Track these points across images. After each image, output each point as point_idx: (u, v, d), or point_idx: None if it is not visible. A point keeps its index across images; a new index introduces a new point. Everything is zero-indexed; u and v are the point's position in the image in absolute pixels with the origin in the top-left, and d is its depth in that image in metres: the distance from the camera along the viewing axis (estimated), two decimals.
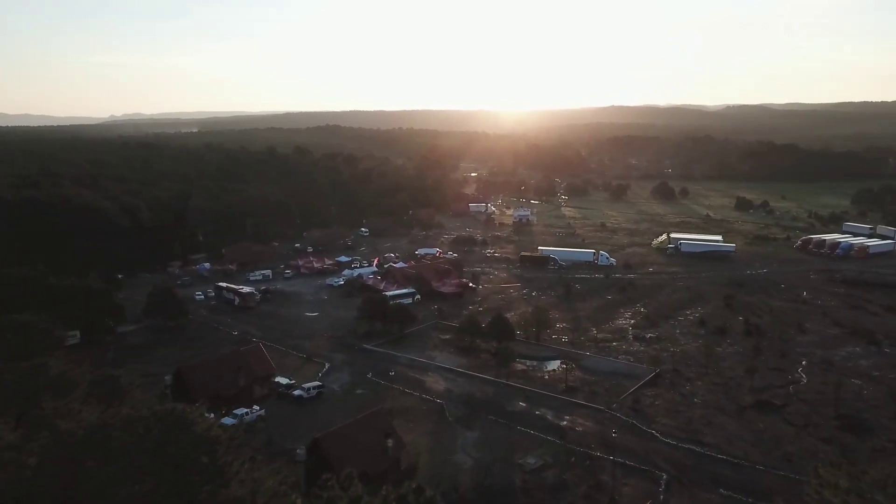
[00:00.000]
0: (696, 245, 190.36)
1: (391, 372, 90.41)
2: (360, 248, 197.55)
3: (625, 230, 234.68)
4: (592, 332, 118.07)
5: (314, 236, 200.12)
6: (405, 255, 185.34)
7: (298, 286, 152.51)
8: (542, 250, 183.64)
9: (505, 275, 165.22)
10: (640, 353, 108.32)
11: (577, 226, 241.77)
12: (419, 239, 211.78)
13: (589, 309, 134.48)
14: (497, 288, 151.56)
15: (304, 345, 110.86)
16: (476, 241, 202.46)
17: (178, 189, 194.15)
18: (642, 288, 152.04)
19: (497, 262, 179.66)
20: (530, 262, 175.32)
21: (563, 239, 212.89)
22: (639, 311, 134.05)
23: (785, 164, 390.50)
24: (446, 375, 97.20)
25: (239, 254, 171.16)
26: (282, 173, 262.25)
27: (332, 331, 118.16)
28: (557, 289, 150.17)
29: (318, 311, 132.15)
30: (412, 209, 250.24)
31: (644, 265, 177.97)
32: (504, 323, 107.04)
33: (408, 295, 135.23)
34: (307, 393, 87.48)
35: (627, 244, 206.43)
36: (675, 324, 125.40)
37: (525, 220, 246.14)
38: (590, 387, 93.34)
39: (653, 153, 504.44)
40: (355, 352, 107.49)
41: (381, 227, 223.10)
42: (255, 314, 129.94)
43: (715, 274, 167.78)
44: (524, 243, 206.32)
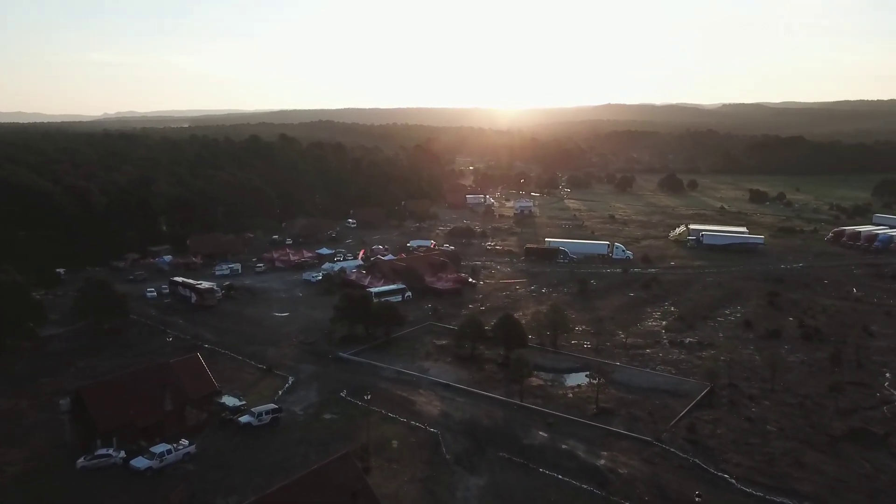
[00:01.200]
0: (721, 237, 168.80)
1: (366, 395, 67.11)
2: (346, 241, 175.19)
3: (636, 222, 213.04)
4: (620, 337, 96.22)
5: (295, 227, 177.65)
6: (395, 247, 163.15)
7: (270, 282, 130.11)
8: (550, 242, 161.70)
9: (508, 269, 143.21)
10: (681, 362, 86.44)
11: (584, 218, 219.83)
12: (412, 231, 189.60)
13: (610, 308, 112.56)
14: (500, 284, 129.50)
15: (266, 353, 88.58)
16: (475, 233, 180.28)
17: (141, 174, 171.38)
18: (668, 284, 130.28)
19: (499, 256, 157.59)
20: (536, 255, 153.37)
21: (569, 231, 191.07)
22: (669, 310, 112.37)
23: (793, 156, 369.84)
24: (442, 394, 75.02)
25: (205, 245, 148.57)
26: (265, 162, 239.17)
27: (302, 335, 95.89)
28: (570, 285, 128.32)
29: (290, 310, 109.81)
30: (404, 200, 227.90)
31: (664, 259, 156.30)
32: (513, 325, 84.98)
33: (396, 292, 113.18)
34: (258, 419, 65.23)
35: (642, 236, 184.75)
36: (716, 326, 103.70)
37: (527, 211, 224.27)
38: (628, 408, 71.40)
39: (654, 148, 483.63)
40: (328, 362, 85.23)
41: (369, 219, 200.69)
42: (213, 314, 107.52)
43: (746, 268, 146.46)
44: (528, 236, 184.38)
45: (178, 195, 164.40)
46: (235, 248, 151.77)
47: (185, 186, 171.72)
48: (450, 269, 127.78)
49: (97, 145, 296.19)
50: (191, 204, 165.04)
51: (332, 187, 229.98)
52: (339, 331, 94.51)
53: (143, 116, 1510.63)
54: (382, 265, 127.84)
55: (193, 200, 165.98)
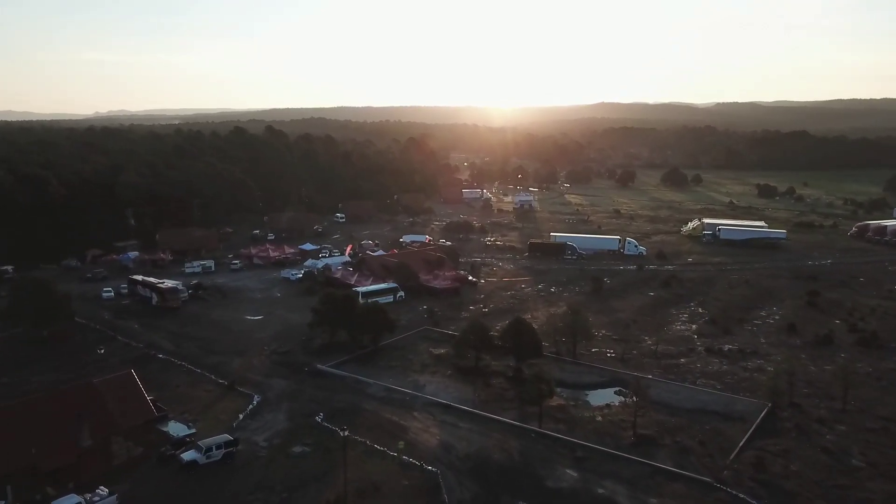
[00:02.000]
0: (739, 231, 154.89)
1: (343, 430, 51.46)
2: (334, 236, 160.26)
3: (643, 217, 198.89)
4: (647, 344, 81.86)
5: (278, 221, 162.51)
6: (387, 242, 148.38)
7: (246, 280, 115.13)
8: (556, 237, 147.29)
9: (511, 266, 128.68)
10: (724, 374, 72.11)
11: (588, 213, 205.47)
12: (405, 226, 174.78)
13: (630, 310, 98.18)
14: (503, 282, 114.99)
15: (232, 364, 73.75)
16: (473, 228, 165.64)
17: (110, 163, 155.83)
18: (689, 282, 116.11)
19: (500, 252, 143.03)
20: (542, 250, 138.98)
21: (574, 226, 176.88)
22: (697, 312, 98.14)
23: (797, 151, 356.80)
24: (442, 417, 60.35)
25: (175, 240, 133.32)
26: (250, 154, 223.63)
27: (276, 343, 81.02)
28: (581, 283, 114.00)
29: (264, 313, 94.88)
30: (397, 194, 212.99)
31: (680, 255, 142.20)
32: (526, 331, 70.40)
33: (387, 291, 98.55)
34: (206, 456, 50.43)
35: (652, 231, 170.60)
36: (754, 330, 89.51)
37: (527, 205, 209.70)
38: (673, 436, 56.98)
39: (652, 144, 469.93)
40: (304, 376, 70.40)
41: (359, 213, 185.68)
42: (176, 317, 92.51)
43: (771, 265, 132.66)
44: (529, 231, 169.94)
45: (150, 186, 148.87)
46: (210, 244, 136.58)
47: (159, 177, 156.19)
48: (447, 266, 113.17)
49: (76, 139, 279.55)
50: (164, 196, 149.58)
51: (320, 181, 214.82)
52: (319, 338, 79.78)
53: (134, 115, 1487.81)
54: (371, 261, 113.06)
55: (167, 192, 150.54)
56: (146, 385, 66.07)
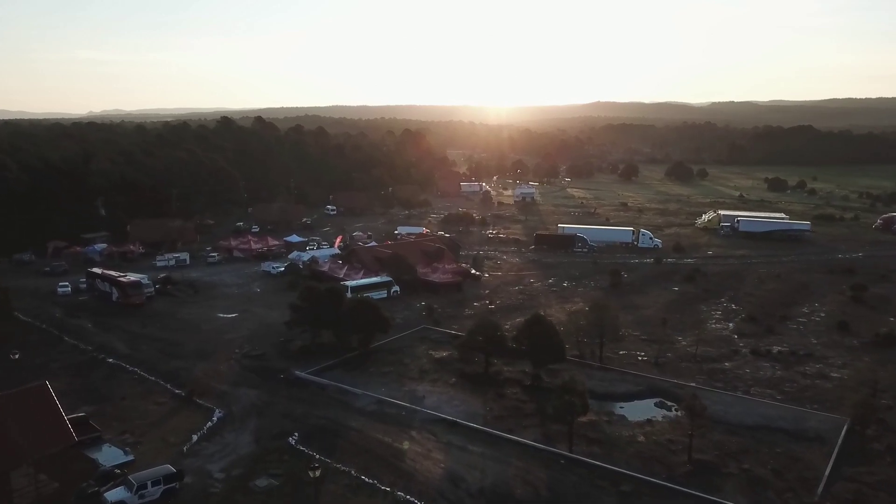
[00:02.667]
0: (760, 223, 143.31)
1: (314, 470, 38.45)
2: (323, 228, 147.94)
3: (652, 210, 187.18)
4: (682, 344, 69.93)
5: (264, 213, 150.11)
6: (380, 235, 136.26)
7: (223, 274, 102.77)
8: (564, 229, 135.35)
9: (517, 260, 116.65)
10: (780, 382, 60.17)
11: (594, 205, 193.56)
12: (400, 218, 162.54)
13: (656, 307, 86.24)
14: (509, 277, 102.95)
15: (194, 370, 61.42)
16: (474, 220, 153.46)
17: (81, 150, 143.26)
18: (715, 277, 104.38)
19: (503, 245, 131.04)
20: (549, 243, 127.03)
21: (580, 219, 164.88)
22: (730, 308, 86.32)
23: (802, 146, 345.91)
24: (447, 437, 48.17)
25: (148, 231, 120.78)
26: (237, 145, 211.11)
27: (249, 345, 68.72)
28: (596, 278, 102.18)
29: (240, 310, 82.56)
30: (391, 186, 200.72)
31: (699, 247, 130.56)
32: (546, 331, 58.18)
33: (380, 286, 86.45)
34: (137, 495, 38.14)
35: (664, 224, 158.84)
36: (800, 329, 77.68)
37: (529, 198, 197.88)
38: (738, 461, 45.04)
39: (653, 139, 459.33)
40: (279, 385, 58.16)
41: (352, 205, 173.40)
42: (138, 315, 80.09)
43: (799, 258, 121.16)
44: (533, 223, 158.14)
45: (123, 174, 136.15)
46: (186, 236, 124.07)
47: (134, 165, 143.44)
48: (447, 259, 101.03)
49: (56, 130, 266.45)
50: (139, 185, 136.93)
51: (311, 173, 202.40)
52: (299, 339, 67.55)
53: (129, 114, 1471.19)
54: (362, 253, 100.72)
55: (142, 181, 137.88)
56: (86, 396, 54.23)
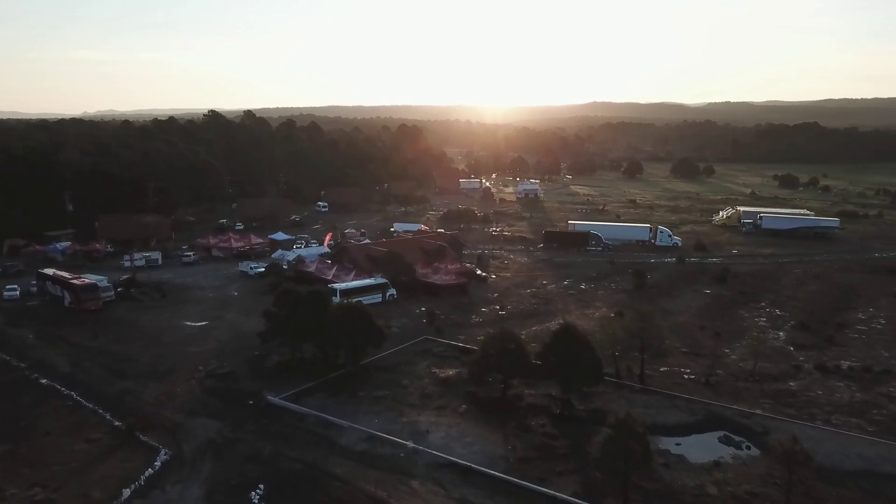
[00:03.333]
0: (785, 220, 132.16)
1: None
2: (314, 226, 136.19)
3: (663, 207, 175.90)
4: (732, 358, 58.45)
5: (249, 209, 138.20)
6: (375, 232, 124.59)
7: (199, 275, 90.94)
8: (576, 226, 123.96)
9: (525, 259, 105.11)
10: (863, 406, 48.78)
11: (602, 202, 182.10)
12: (396, 215, 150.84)
13: (689, 312, 74.83)
14: (519, 278, 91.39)
15: (144, 395, 49.65)
16: (476, 217, 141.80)
17: (51, 140, 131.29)
18: (747, 277, 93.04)
19: (509, 243, 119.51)
20: (560, 241, 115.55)
21: (589, 215, 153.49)
22: (774, 314, 74.97)
23: (806, 144, 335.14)
24: (460, 491, 36.48)
25: (118, 228, 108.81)
26: (225, 139, 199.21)
27: (216, 359, 56.97)
28: (616, 278, 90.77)
29: (211, 317, 70.81)
30: (387, 182, 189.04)
31: (721, 245, 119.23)
32: (578, 345, 46.49)
33: (374, 289, 74.86)
34: None
35: (678, 221, 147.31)
36: (864, 339, 66.26)
37: (532, 195, 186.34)
38: None
39: (652, 138, 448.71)
40: (245, 415, 46.41)
41: (345, 201, 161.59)
42: (91, 323, 68.25)
43: (833, 257, 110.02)
44: (539, 221, 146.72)
45: (96, 166, 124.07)
46: (161, 233, 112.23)
47: (108, 157, 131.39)
48: (449, 258, 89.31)
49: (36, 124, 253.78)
50: (113, 178, 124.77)
51: (302, 168, 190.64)
52: (276, 353, 55.86)
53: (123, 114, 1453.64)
54: (354, 251, 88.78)
55: (116, 174, 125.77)
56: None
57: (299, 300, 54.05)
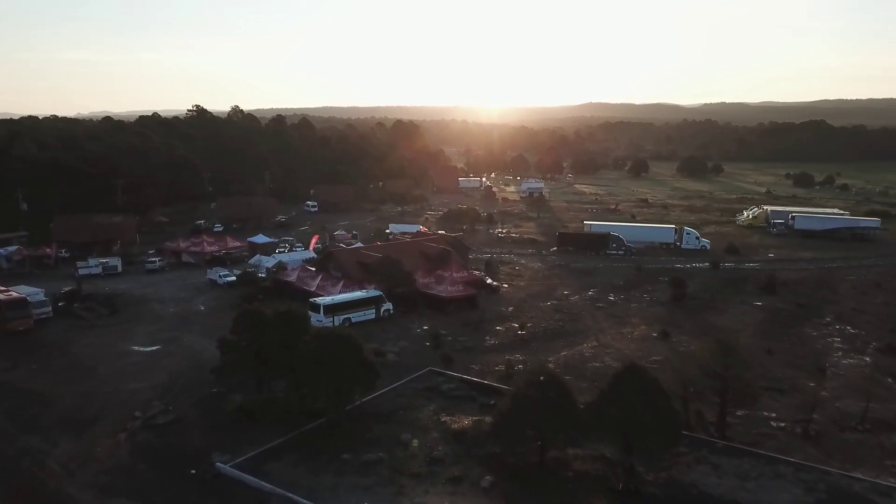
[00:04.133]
0: (819, 220, 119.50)
1: None
2: (301, 227, 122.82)
3: (678, 206, 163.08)
4: (823, 395, 45.31)
5: (229, 208, 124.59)
6: (369, 234, 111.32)
7: (162, 285, 77.44)
8: (592, 226, 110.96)
9: (539, 264, 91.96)
10: None
11: (615, 201, 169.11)
12: (392, 216, 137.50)
13: (745, 331, 61.56)
14: (534, 287, 78.25)
15: (49, 457, 36.12)
16: (479, 217, 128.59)
17: (7, 131, 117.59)
18: (797, 286, 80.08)
19: (518, 246, 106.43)
20: (576, 243, 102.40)
21: (601, 216, 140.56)
22: (847, 332, 61.96)
23: (813, 142, 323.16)
24: None
25: (76, 230, 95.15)
26: (209, 136, 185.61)
27: (161, 401, 43.55)
28: (647, 288, 77.80)
29: (166, 339, 57.37)
30: (382, 180, 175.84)
31: (754, 248, 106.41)
32: (647, 392, 33.13)
33: (366, 303, 61.70)
34: None
35: (698, 222, 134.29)
36: None
37: (536, 193, 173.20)
38: None
39: (653, 137, 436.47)
40: (184, 492, 32.89)
41: (336, 200, 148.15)
42: (17, 347, 54.70)
43: (884, 261, 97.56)
44: (547, 221, 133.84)
45: (56, 161, 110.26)
46: (126, 235, 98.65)
47: (72, 151, 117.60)
48: (455, 264, 75.95)
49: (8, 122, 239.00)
50: (76, 174, 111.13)
51: (292, 165, 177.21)
52: (238, 391, 42.54)
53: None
54: (343, 257, 75.14)
55: (80, 170, 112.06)
56: None
57: (265, 325, 40.71)
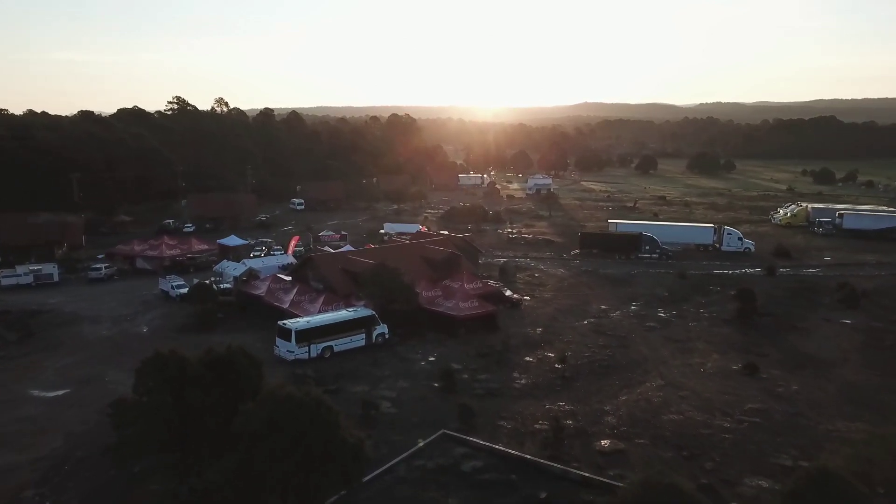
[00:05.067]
0: (871, 219, 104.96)
1: None
2: (285, 227, 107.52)
3: (700, 204, 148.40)
4: None
5: (203, 206, 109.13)
6: (360, 235, 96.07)
7: (104, 299, 62.08)
8: (618, 225, 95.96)
9: (561, 270, 76.87)
10: None
11: (634, 198, 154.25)
12: (387, 214, 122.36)
13: (848, 361, 47.02)
14: (562, 299, 63.18)
15: None
16: (485, 215, 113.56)
17: None
18: (878, 297, 65.31)
19: (533, 248, 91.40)
20: (601, 245, 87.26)
21: (620, 214, 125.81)
22: None
23: (825, 139, 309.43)
24: None
25: (10, 231, 79.53)
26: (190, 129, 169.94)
27: (40, 490, 28.08)
28: (699, 300, 62.88)
29: (83, 378, 42.05)
30: (376, 176, 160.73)
31: (807, 251, 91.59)
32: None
33: (354, 326, 46.66)
34: None
35: (727, 220, 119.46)
36: None
37: (545, 190, 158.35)
38: None
39: (654, 134, 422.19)
40: None
41: (324, 198, 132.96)
42: None
43: None
44: (561, 220, 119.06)
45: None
46: (71, 237, 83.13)
47: (21, 141, 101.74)
48: (466, 272, 60.64)
49: None
50: (21, 167, 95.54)
51: (279, 160, 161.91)
52: (157, 475, 27.16)
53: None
54: (324, 262, 59.48)
55: (27, 162, 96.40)
56: None
57: (188, 378, 25.42)
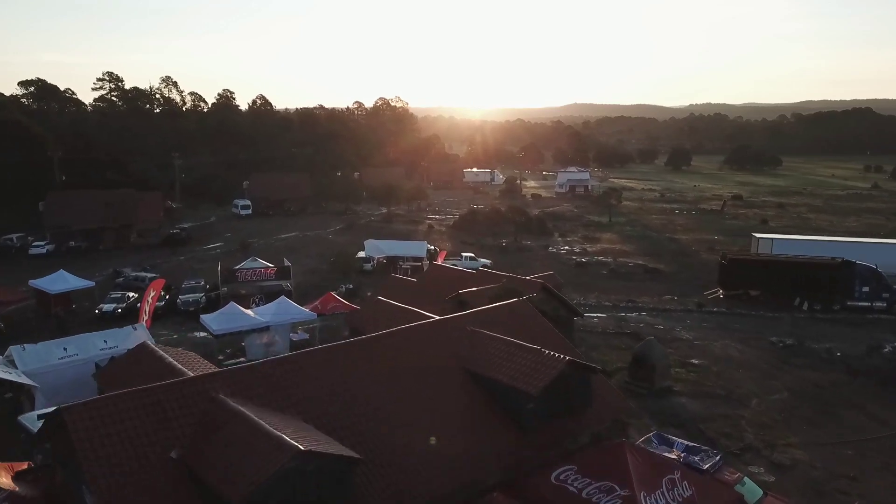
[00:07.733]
0: None
1: None
2: (208, 246, 65.88)
3: (800, 206, 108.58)
4: None
5: (63, 211, 66.99)
6: (326, 262, 54.79)
7: None
8: (772, 241, 55.23)
9: (689, 335, 35.93)
10: None
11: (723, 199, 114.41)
12: (372, 221, 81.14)
13: None
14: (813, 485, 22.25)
15: None
16: (529, 223, 72.39)
17: None
18: None
19: (626, 282, 50.47)
20: (763, 281, 46.23)
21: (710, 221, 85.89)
22: None
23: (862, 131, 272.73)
24: None
25: None
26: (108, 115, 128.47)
27: None
28: None
29: None
30: (358, 170, 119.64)
31: None
32: None
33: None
34: None
35: (862, 229, 79.67)
36: None
37: (582, 187, 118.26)
38: None
39: (665, 131, 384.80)
40: None
41: (282, 198, 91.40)
42: None
43: None
44: (629, 232, 78.52)
45: None
46: None
47: None
48: (637, 452, 19.62)
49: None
50: None
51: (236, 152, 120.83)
52: None
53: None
54: None
55: None
56: None
57: None
